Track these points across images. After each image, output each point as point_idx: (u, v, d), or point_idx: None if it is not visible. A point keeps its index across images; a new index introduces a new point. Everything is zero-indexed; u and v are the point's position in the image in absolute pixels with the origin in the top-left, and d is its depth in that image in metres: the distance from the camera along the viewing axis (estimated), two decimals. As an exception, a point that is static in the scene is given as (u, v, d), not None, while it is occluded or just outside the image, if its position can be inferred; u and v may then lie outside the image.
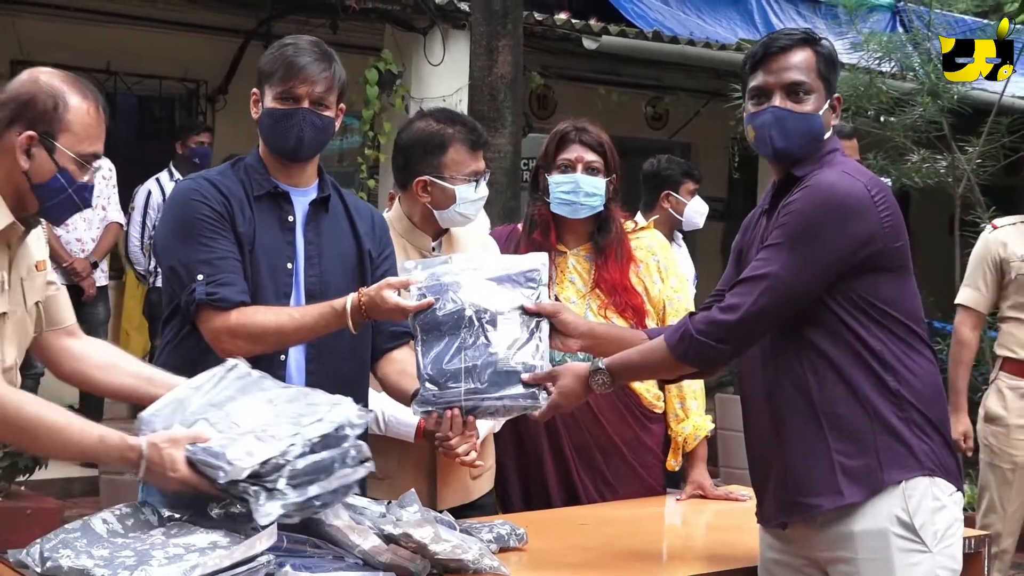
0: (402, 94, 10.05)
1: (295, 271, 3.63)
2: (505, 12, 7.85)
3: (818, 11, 13.35)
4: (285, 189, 3.66)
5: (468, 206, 4.13)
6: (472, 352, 3.38)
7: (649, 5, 12.41)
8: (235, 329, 3.46)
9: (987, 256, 6.18)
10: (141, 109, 11.42)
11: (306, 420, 2.94)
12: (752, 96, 3.38)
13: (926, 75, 8.89)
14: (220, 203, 3.56)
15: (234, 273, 3.51)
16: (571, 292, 4.44)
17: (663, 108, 13.58)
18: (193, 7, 10.11)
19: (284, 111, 3.59)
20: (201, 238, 3.51)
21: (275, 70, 3.60)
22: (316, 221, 3.69)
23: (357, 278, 3.70)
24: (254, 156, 3.71)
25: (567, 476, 4.42)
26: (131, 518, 2.92)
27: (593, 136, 4.45)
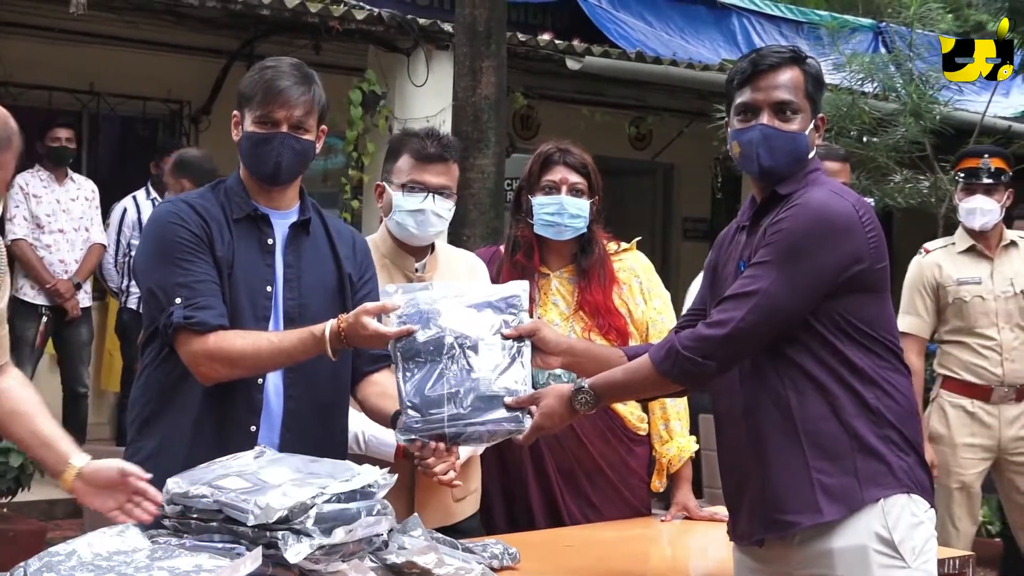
0: (386, 115, 10.04)
1: (274, 294, 3.59)
2: (488, 33, 7.86)
3: (801, 32, 13.40)
4: (265, 212, 3.63)
5: (404, 215, 4.11)
6: (454, 378, 3.35)
7: (632, 26, 12.45)
8: (213, 353, 3.44)
9: (922, 280, 6.16)
10: (124, 130, 11.36)
11: (339, 477, 2.99)
12: (739, 112, 3.39)
13: (908, 95, 8.93)
14: (199, 226, 3.53)
15: (212, 296, 3.48)
16: (554, 314, 4.43)
17: (646, 128, 13.59)
18: (176, 28, 10.08)
19: (263, 135, 3.56)
20: (179, 261, 3.48)
21: (254, 93, 3.57)
22: (296, 244, 3.65)
23: (337, 302, 3.67)
24: (235, 179, 3.67)
25: (551, 499, 4.41)
26: (115, 541, 2.90)
27: (577, 157, 4.45)
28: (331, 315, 3.54)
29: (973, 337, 6.10)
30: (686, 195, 14.62)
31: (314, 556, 2.84)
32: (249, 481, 2.99)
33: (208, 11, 9.51)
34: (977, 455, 6.13)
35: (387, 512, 3.02)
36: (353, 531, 2.91)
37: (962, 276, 6.12)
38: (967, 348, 6.11)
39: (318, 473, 3.03)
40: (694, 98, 11.90)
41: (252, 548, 2.81)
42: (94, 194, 9.19)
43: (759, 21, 13.73)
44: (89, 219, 9.10)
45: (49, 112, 9.89)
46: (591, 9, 12.34)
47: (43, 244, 8.91)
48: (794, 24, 13.79)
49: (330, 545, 2.85)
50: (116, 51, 10.41)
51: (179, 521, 2.96)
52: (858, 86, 9.32)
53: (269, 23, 10.07)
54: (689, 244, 14.59)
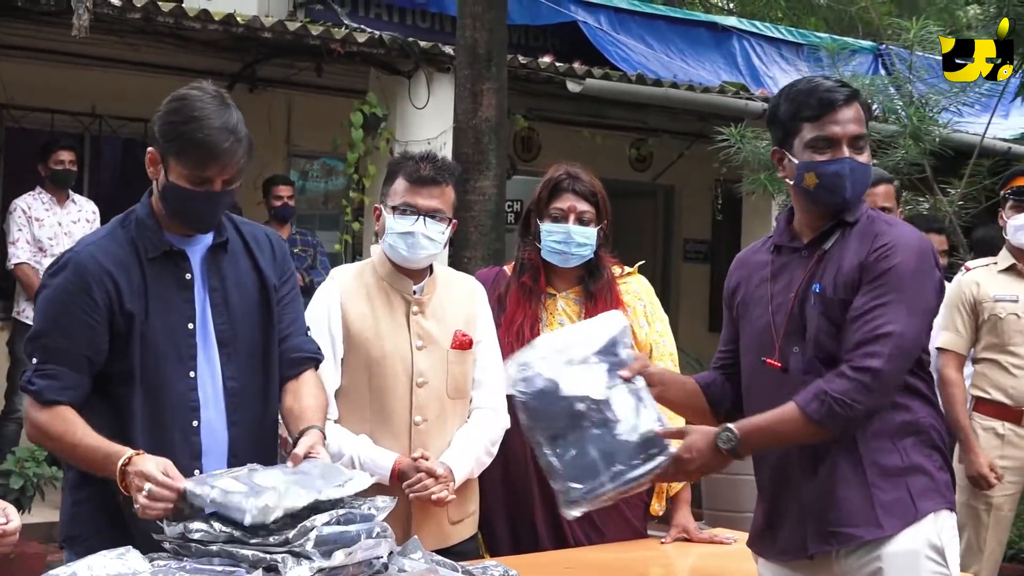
0: (387, 137, 10.05)
1: (199, 328, 3.48)
2: (489, 56, 7.91)
3: (801, 54, 13.38)
4: (180, 248, 3.48)
5: (395, 238, 4.11)
6: (600, 440, 3.42)
7: (633, 48, 12.47)
8: (33, 422, 3.40)
9: (961, 297, 6.18)
10: (126, 152, 11.33)
11: (331, 481, 3.02)
12: (813, 145, 3.46)
13: (908, 118, 8.91)
14: (100, 284, 3.37)
15: (65, 367, 3.35)
16: None
17: (647, 150, 13.62)
18: (178, 51, 10.11)
19: (196, 193, 3.37)
20: (53, 321, 3.37)
21: (184, 149, 3.34)
22: (216, 266, 3.53)
23: (264, 315, 3.59)
24: (146, 210, 3.48)
25: (555, 517, 4.35)
26: (116, 564, 2.90)
27: (586, 185, 4.46)
28: (259, 332, 3.55)
29: (1006, 355, 6.12)
30: (687, 217, 14.65)
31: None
32: (243, 483, 3.00)
33: (210, 34, 9.55)
34: (1008, 477, 6.12)
35: (387, 535, 3.02)
36: (353, 554, 2.90)
37: (999, 293, 6.15)
38: (1000, 367, 6.14)
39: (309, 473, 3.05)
40: (695, 120, 11.90)
41: (252, 571, 2.81)
42: (95, 215, 9.17)
43: (759, 43, 13.75)
44: None
45: (51, 134, 9.90)
46: (592, 32, 12.36)
47: (44, 267, 8.87)
48: (794, 46, 13.78)
49: (330, 568, 2.85)
50: (118, 74, 10.45)
51: (179, 544, 2.95)
52: None
53: (271, 46, 10.09)
54: (689, 266, 14.62)
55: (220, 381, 3.50)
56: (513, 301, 4.46)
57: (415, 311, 4.16)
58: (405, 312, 4.16)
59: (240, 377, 3.52)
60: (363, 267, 4.30)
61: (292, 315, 3.69)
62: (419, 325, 4.10)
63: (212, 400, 3.48)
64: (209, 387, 3.48)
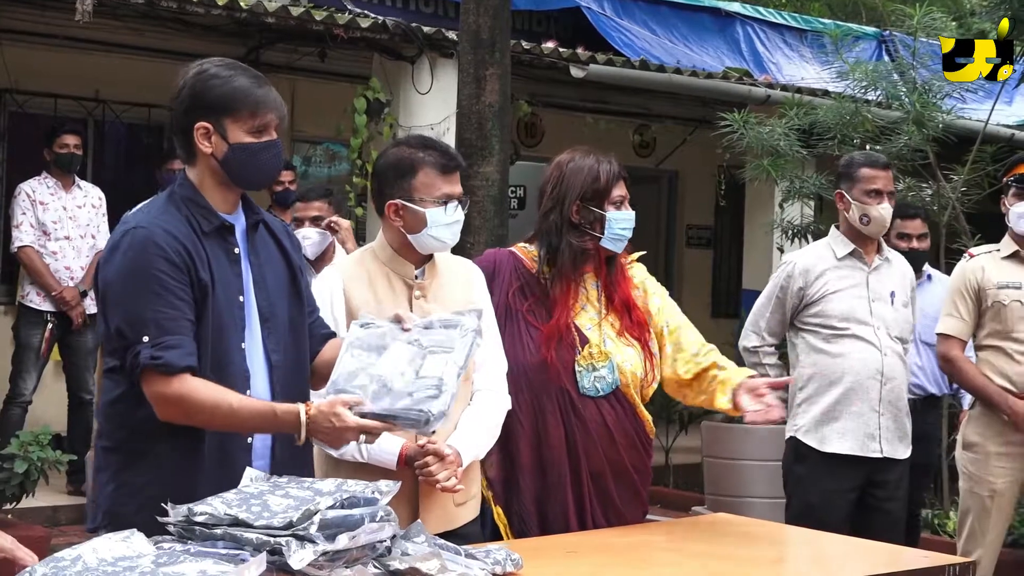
0: (390, 122, 10.05)
1: (246, 302, 3.56)
2: (493, 41, 7.87)
3: (804, 40, 13.41)
4: (230, 222, 3.57)
5: (441, 230, 4.11)
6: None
7: (636, 34, 12.45)
8: (171, 399, 3.37)
9: (964, 284, 6.20)
10: (130, 137, 11.37)
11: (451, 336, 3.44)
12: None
13: (911, 104, 8.90)
14: (178, 254, 3.42)
15: (182, 335, 3.38)
16: (585, 319, 4.49)
17: (650, 136, 13.62)
18: (182, 36, 10.09)
19: (262, 144, 3.51)
20: (152, 295, 3.37)
21: (235, 102, 3.47)
22: (254, 246, 3.63)
23: (295, 294, 3.70)
24: (189, 188, 3.55)
25: (581, 503, 4.42)
26: (121, 547, 2.90)
27: (623, 170, 4.60)
28: (292, 309, 3.66)
29: (1009, 342, 6.12)
30: (690, 203, 14.66)
31: (318, 562, 2.84)
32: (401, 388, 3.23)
33: (214, 19, 9.57)
34: (1010, 463, 6.14)
35: (390, 518, 3.03)
36: (357, 537, 2.90)
37: (1003, 280, 6.15)
38: (1003, 354, 6.13)
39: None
40: (698, 106, 11.92)
41: (256, 554, 2.81)
42: (101, 201, 9.19)
43: (763, 29, 13.72)
44: (96, 226, 9.09)
45: (55, 119, 9.90)
46: (595, 17, 12.32)
47: (49, 251, 8.90)
48: (798, 32, 13.80)
49: (334, 551, 2.86)
50: (121, 58, 10.45)
51: (183, 527, 2.96)
52: (861, 94, 9.30)
53: (274, 31, 10.08)
54: (692, 251, 14.62)
55: (264, 355, 3.57)
56: (564, 291, 4.48)
57: (418, 295, 4.17)
58: (408, 296, 4.17)
59: (280, 351, 3.60)
60: (363, 253, 4.31)
61: (312, 298, 3.85)
62: (422, 309, 4.08)
63: (259, 372, 3.55)
64: (255, 360, 3.56)
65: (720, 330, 10.04)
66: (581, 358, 4.42)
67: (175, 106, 3.55)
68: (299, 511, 2.88)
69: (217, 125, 3.48)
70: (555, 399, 4.30)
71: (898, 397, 5.95)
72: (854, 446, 5.80)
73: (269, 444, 3.55)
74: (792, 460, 5.98)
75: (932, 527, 8.21)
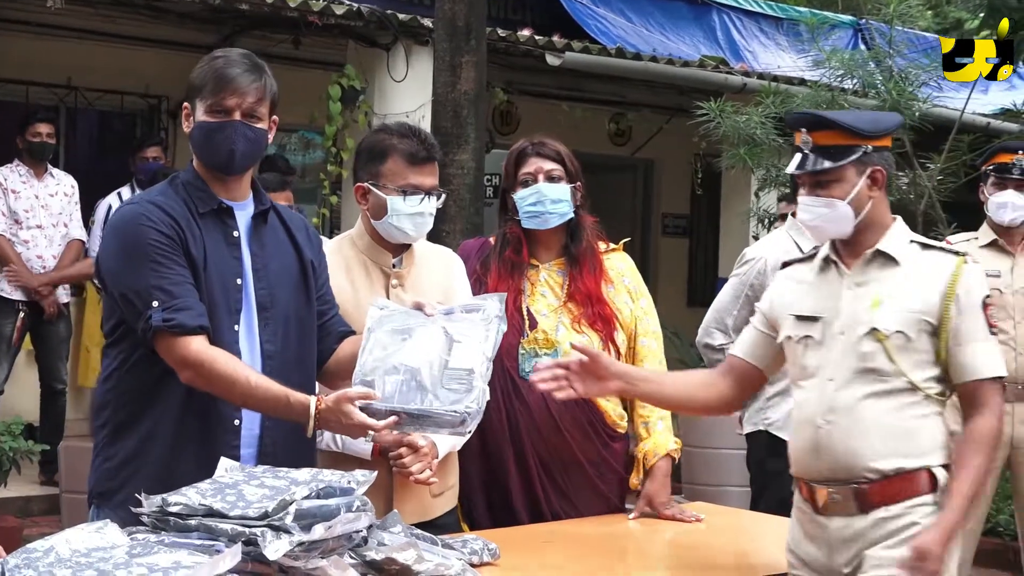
0: (365, 110, 10.00)
1: (244, 286, 3.59)
2: (468, 29, 7.84)
3: (780, 28, 13.40)
4: (228, 204, 3.62)
5: (402, 219, 4.09)
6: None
7: (612, 22, 12.43)
8: (192, 363, 3.41)
9: None
10: (102, 125, 11.34)
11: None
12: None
13: (888, 92, 8.87)
14: (169, 226, 3.49)
15: (190, 297, 3.45)
16: (542, 305, 4.47)
17: (626, 124, 13.59)
18: (155, 23, 10.04)
19: (216, 124, 3.55)
20: (153, 264, 3.44)
21: (205, 83, 3.56)
22: (258, 234, 3.66)
23: (303, 289, 3.72)
24: (191, 173, 3.65)
25: (531, 489, 4.41)
26: (94, 538, 2.88)
27: (550, 147, 4.50)
28: (298, 303, 3.67)
29: None
30: (666, 191, 14.63)
31: (293, 552, 2.83)
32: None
33: (187, 6, 9.51)
34: None
35: (367, 508, 3.02)
36: (332, 527, 2.89)
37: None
38: None
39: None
40: (674, 94, 11.89)
41: (231, 545, 2.79)
42: (73, 189, 9.13)
43: (739, 17, 13.71)
44: (68, 215, 9.03)
45: (27, 106, 9.85)
46: (571, 5, 12.30)
47: (20, 240, 8.84)
48: (774, 20, 13.78)
49: (309, 541, 2.85)
50: (94, 45, 10.37)
51: (157, 518, 2.95)
52: (838, 83, 9.27)
53: (248, 18, 10.02)
54: (668, 240, 14.60)
55: (258, 343, 3.59)
56: (494, 276, 4.46)
57: (395, 284, 4.16)
58: (385, 285, 4.16)
59: (275, 342, 3.61)
60: (341, 241, 4.31)
61: (331, 297, 3.86)
62: (399, 298, 4.05)
63: (249, 360, 3.55)
64: (247, 346, 3.57)
65: (696, 318, 9.86)
66: (526, 342, 4.41)
67: None
68: (274, 501, 2.87)
69: (192, 105, 3.59)
70: (497, 381, 4.19)
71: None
72: None
73: (257, 433, 3.57)
74: (765, 454, 5.91)
75: None
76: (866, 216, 3.63)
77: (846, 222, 3.63)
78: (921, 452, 3.55)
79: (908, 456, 3.54)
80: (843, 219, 3.63)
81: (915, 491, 3.53)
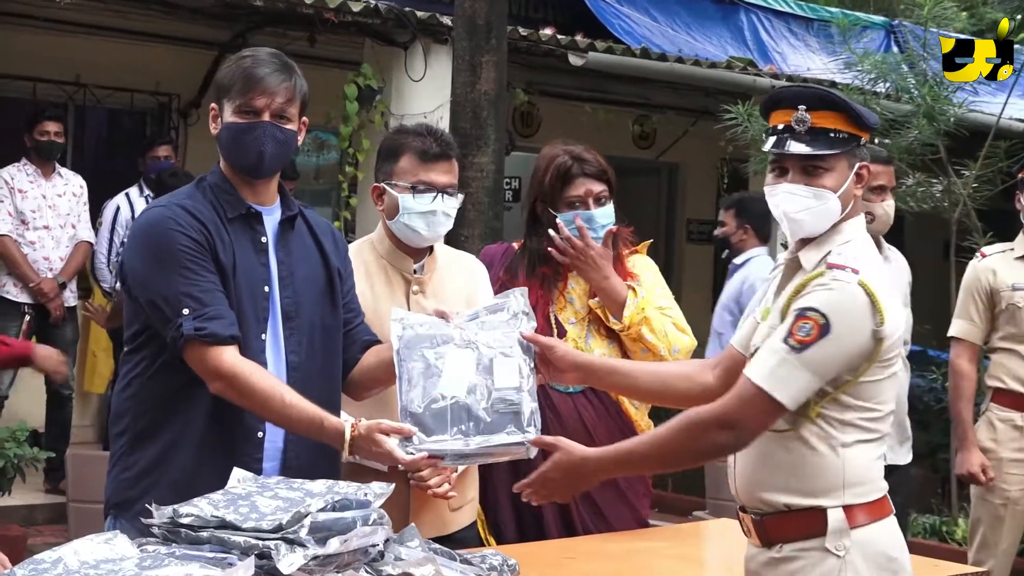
0: (382, 110, 9.93)
1: (271, 294, 3.55)
2: (489, 27, 7.80)
3: (811, 29, 13.36)
4: (257, 210, 3.58)
5: (413, 218, 4.05)
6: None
7: (637, 21, 12.34)
8: (225, 374, 3.37)
9: (976, 285, 6.08)
10: (111, 123, 11.32)
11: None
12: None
13: (922, 97, 8.81)
14: (199, 231, 3.45)
15: (221, 305, 3.41)
16: (569, 313, 4.45)
17: (650, 127, 13.53)
18: (166, 18, 9.96)
19: (244, 125, 3.50)
20: (183, 270, 3.40)
21: (233, 83, 3.52)
22: (285, 241, 3.62)
23: (327, 297, 3.68)
24: (218, 176, 3.60)
25: (562, 506, 4.34)
26: (103, 549, 2.86)
27: (595, 165, 4.44)
28: (323, 312, 3.64)
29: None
30: (691, 196, 14.59)
31: (308, 567, 2.80)
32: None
33: (199, 1, 9.49)
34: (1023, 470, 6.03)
35: (383, 522, 2.99)
36: (348, 541, 2.86)
37: (1017, 281, 6.02)
38: (1018, 357, 6.01)
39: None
40: (700, 96, 11.85)
41: (244, 558, 2.77)
42: (82, 190, 9.07)
43: (768, 17, 13.60)
44: (76, 215, 8.97)
45: (35, 104, 9.80)
46: (594, 3, 12.19)
47: (27, 241, 8.76)
48: (804, 21, 13.70)
49: (324, 556, 2.82)
50: (103, 41, 10.28)
51: (168, 529, 2.92)
52: (870, 86, 9.23)
53: (262, 14, 9.92)
54: (693, 246, 14.52)
55: (283, 353, 3.56)
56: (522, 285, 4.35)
57: (415, 290, 4.13)
58: (405, 292, 4.13)
59: (300, 352, 3.58)
60: (361, 245, 4.26)
61: (357, 306, 3.83)
62: (419, 305, 4.05)
63: (274, 369, 3.53)
64: (273, 356, 3.55)
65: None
66: None
67: None
68: (289, 513, 2.84)
69: (220, 106, 3.57)
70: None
71: (899, 400, 5.80)
72: None
73: (280, 446, 3.54)
74: None
75: (940, 535, 8.14)
76: (845, 215, 3.31)
77: (830, 217, 3.28)
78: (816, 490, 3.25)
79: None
80: (829, 214, 3.27)
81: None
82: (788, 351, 3.11)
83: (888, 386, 3.25)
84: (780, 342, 3.14)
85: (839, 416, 3.19)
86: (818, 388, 3.15)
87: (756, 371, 3.16)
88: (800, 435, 3.21)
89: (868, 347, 3.15)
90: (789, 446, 3.22)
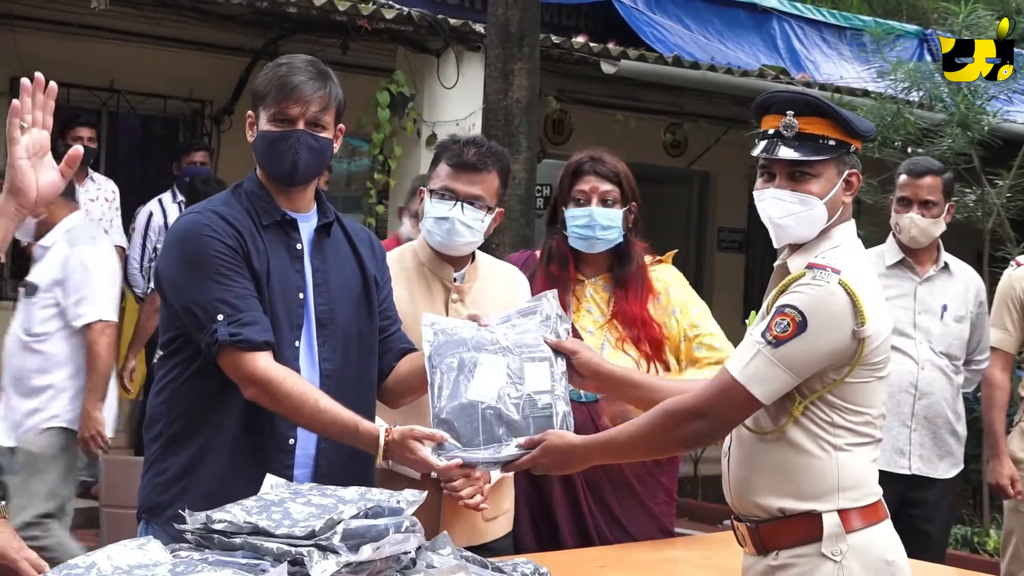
0: (414, 117, 9.94)
1: (305, 301, 3.56)
2: (521, 35, 7.79)
3: (843, 38, 13.29)
4: (292, 216, 3.59)
5: (431, 222, 4.07)
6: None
7: (669, 29, 12.31)
8: (260, 380, 3.39)
9: (1011, 294, 6.04)
10: (144, 129, 11.31)
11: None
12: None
13: (955, 105, 8.78)
14: (233, 238, 3.46)
15: (256, 311, 3.43)
16: (588, 321, 4.41)
17: (682, 135, 13.44)
18: (199, 25, 9.98)
19: (279, 133, 3.50)
20: (217, 276, 3.42)
21: (268, 91, 3.52)
22: (321, 248, 3.63)
23: (363, 305, 3.68)
24: (254, 183, 3.61)
25: (577, 511, 4.34)
26: (136, 555, 2.84)
27: (608, 166, 4.39)
28: (359, 319, 3.64)
29: None
30: (722, 205, 14.47)
31: (340, 573, 2.77)
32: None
33: (232, 8, 9.44)
34: None
35: (416, 529, 2.98)
36: (381, 548, 2.84)
37: None
38: None
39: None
40: (732, 104, 11.74)
41: (277, 564, 2.74)
42: (115, 195, 9.08)
43: (800, 26, 13.56)
44: (108, 221, 8.96)
45: (69, 110, 9.74)
46: (627, 11, 12.18)
47: (59, 244, 8.70)
48: (836, 29, 13.64)
49: (357, 563, 2.79)
50: (137, 48, 10.30)
51: (201, 535, 2.90)
52: (903, 95, 9.20)
53: (295, 21, 9.94)
54: (724, 255, 14.42)
55: (316, 360, 3.57)
56: (540, 288, 4.32)
57: (455, 299, 4.13)
58: (444, 299, 4.13)
59: (334, 359, 3.58)
60: (404, 251, 4.27)
61: (394, 313, 3.82)
62: (457, 313, 4.01)
63: (308, 376, 3.52)
64: (306, 363, 3.55)
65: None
66: None
67: None
68: (322, 520, 2.81)
69: (256, 114, 3.58)
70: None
71: (936, 413, 5.86)
72: (880, 460, 5.61)
73: (312, 453, 3.55)
74: None
75: (971, 545, 8.14)
76: (832, 223, 3.30)
77: (816, 224, 3.28)
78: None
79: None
80: (814, 220, 3.27)
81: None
82: (764, 345, 3.13)
83: (877, 390, 3.25)
84: (759, 336, 3.16)
85: (827, 418, 3.20)
86: (795, 385, 3.15)
87: (734, 364, 3.19)
88: (787, 437, 3.21)
89: (848, 347, 3.15)
90: (777, 448, 3.22)
